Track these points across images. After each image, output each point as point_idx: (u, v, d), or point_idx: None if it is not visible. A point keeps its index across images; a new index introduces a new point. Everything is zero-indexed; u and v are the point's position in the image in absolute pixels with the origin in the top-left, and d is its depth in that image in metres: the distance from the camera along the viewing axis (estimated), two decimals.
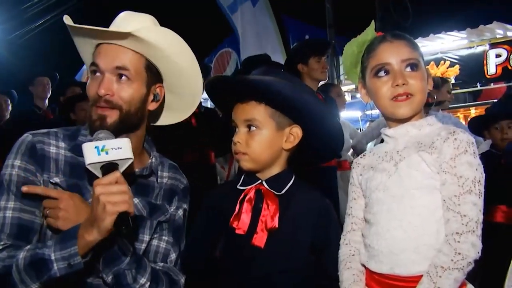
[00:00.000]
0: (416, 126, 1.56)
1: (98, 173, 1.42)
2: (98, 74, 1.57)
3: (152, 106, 1.67)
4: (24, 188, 1.49)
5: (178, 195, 1.79)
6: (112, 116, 1.55)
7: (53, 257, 1.38)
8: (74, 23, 1.55)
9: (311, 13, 8.77)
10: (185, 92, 1.74)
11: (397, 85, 1.53)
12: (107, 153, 1.40)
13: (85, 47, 1.64)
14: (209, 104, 5.34)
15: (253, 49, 7.35)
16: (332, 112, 1.70)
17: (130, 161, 1.44)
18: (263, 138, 1.64)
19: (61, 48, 1.55)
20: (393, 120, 1.60)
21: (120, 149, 1.42)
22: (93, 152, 1.39)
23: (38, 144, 1.56)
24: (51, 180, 1.55)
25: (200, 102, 4.55)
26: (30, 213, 1.52)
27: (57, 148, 1.59)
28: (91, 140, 1.47)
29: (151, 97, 1.66)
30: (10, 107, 5.62)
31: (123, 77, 1.56)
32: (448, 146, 1.45)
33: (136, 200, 1.65)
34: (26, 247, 1.43)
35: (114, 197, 1.35)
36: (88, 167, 1.40)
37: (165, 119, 1.84)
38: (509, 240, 3.20)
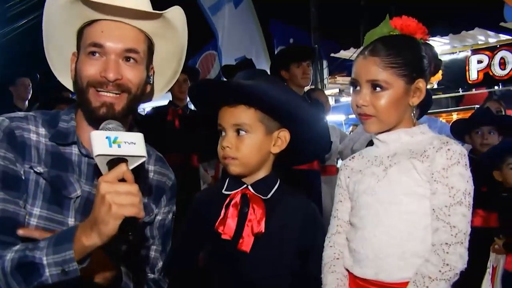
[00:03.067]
0: (409, 133, 1.56)
1: (103, 168, 1.24)
2: (98, 55, 1.40)
3: (148, 88, 1.54)
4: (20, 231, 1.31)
5: (167, 195, 1.64)
6: (120, 103, 1.41)
7: (45, 262, 1.21)
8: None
9: (296, 16, 8.79)
10: (167, 73, 1.63)
11: (357, 105, 1.55)
12: (119, 146, 1.23)
13: (67, 26, 1.45)
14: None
15: (237, 52, 7.33)
16: (320, 116, 1.72)
17: (142, 160, 1.28)
18: (253, 143, 1.62)
19: (42, 48, 1.52)
20: None
21: (134, 144, 1.25)
22: (104, 143, 1.22)
23: (17, 130, 1.39)
24: (35, 170, 1.39)
25: (186, 105, 4.53)
26: (14, 204, 1.34)
27: (37, 135, 1.43)
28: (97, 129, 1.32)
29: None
30: None
31: (131, 60, 1.42)
32: (441, 156, 1.45)
33: None
34: (14, 248, 1.27)
35: (121, 198, 1.16)
36: (96, 159, 1.23)
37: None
38: (486, 243, 3.25)
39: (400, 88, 1.52)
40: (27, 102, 5.30)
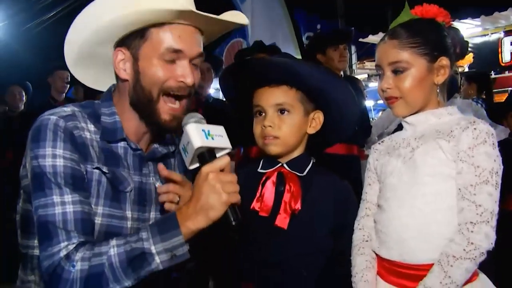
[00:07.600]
0: (436, 114, 1.55)
1: (193, 159, 1.33)
2: (176, 60, 1.43)
3: None
4: (165, 173, 1.43)
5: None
6: (183, 109, 1.46)
7: (154, 250, 1.28)
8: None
9: (322, 3, 8.71)
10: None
11: (382, 89, 1.56)
12: (213, 138, 1.32)
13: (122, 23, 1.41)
14: (221, 95, 5.32)
15: (264, 39, 7.32)
16: (356, 99, 1.74)
17: (226, 151, 1.36)
18: (293, 122, 1.66)
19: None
20: None
21: (221, 137, 1.35)
22: (202, 135, 1.30)
23: (75, 130, 1.41)
24: (101, 169, 1.43)
25: (209, 93, 4.54)
26: (88, 205, 1.39)
27: (89, 132, 1.45)
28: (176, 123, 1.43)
29: None
30: (24, 99, 5.65)
31: (197, 64, 1.48)
32: (467, 135, 1.44)
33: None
34: (112, 243, 1.32)
35: (228, 186, 1.27)
36: (196, 151, 1.30)
37: None
38: None
39: (422, 67, 1.51)
40: (64, 94, 5.30)
